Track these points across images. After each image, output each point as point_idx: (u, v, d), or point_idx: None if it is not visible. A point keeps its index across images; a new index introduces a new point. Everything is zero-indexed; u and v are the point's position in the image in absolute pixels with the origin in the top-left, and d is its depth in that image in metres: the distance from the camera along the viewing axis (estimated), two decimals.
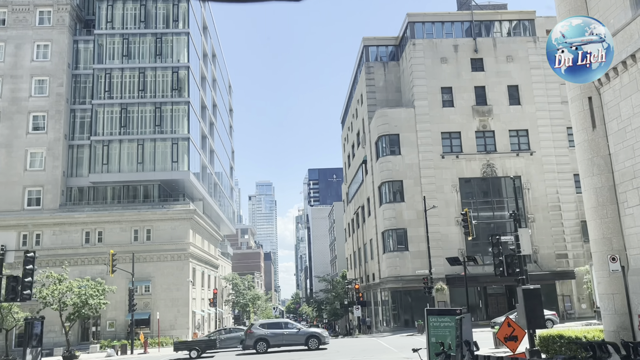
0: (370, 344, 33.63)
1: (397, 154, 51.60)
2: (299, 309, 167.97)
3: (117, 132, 52.78)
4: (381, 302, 54.03)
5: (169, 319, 48.70)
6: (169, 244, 50.06)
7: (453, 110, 52.34)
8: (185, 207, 51.39)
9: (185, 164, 52.36)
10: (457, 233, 49.97)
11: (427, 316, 16.02)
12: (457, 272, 48.38)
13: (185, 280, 49.52)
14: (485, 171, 51.20)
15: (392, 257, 49.91)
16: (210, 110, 68.29)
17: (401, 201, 50.74)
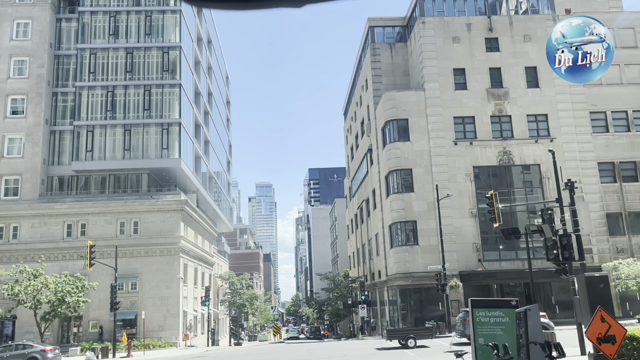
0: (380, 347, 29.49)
1: (406, 141, 47.58)
2: (299, 311, 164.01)
3: (103, 117, 48.77)
4: (388, 301, 49.94)
5: (158, 319, 44.63)
6: (158, 237, 46.00)
7: (466, 93, 48.38)
8: (175, 197, 47.31)
9: (176, 151, 48.32)
10: (471, 226, 45.94)
11: (472, 309, 11.94)
12: (471, 268, 44.36)
13: (176, 277, 45.47)
14: (501, 159, 47.19)
15: (400, 252, 45.86)
16: (205, 98, 64.28)
17: (410, 191, 46.69)
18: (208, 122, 65.68)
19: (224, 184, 79.79)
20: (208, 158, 64.70)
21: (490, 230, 46.38)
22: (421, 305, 45.36)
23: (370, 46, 54.80)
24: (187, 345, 44.82)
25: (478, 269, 43.81)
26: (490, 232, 46.32)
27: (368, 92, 56.13)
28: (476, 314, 11.81)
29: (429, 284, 44.51)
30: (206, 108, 64.52)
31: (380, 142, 51.08)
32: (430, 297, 45.21)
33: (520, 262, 45.32)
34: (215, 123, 71.11)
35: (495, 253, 45.96)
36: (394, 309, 48.31)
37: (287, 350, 31.62)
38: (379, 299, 54.40)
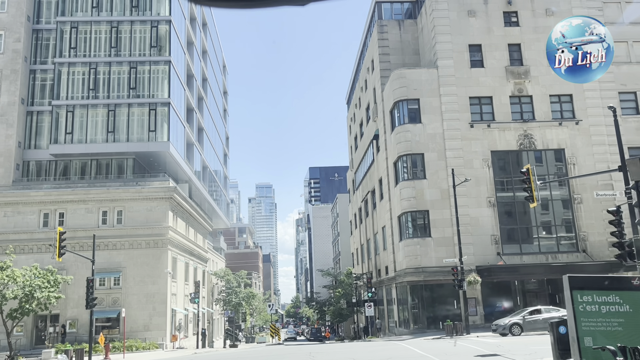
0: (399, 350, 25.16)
1: (417, 123, 43.32)
2: (299, 312, 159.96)
3: (85, 96, 44.48)
4: (396, 299, 45.61)
5: (143, 318, 40.32)
6: (143, 228, 41.70)
7: (483, 71, 44.17)
8: (163, 184, 42.98)
9: (164, 134, 44.02)
10: (489, 216, 41.66)
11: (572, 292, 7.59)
12: (489, 262, 40.06)
13: (163, 272, 41.16)
14: (522, 143, 42.94)
15: (411, 244, 41.55)
16: (199, 83, 60.01)
17: (422, 178, 42.41)
18: (202, 108, 61.42)
19: (220, 177, 75.51)
20: (202, 147, 60.40)
21: (511, 220, 42.16)
22: (434, 304, 41.04)
23: (377, 23, 50.55)
24: (175, 347, 40.52)
25: (498, 262, 39.49)
26: (510, 223, 42.07)
27: (374, 73, 51.86)
28: (578, 300, 7.51)
29: (442, 280, 40.27)
30: (200, 93, 60.25)
31: (388, 125, 46.80)
32: (444, 294, 40.93)
33: (544, 256, 41.04)
34: (210, 111, 66.85)
35: (515, 246, 41.66)
36: (403, 308, 43.98)
37: (285, 355, 27.30)
38: (385, 298, 50.06)
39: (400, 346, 26.52)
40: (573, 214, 41.91)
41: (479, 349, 21.44)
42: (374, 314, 44.91)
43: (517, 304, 40.42)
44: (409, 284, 41.50)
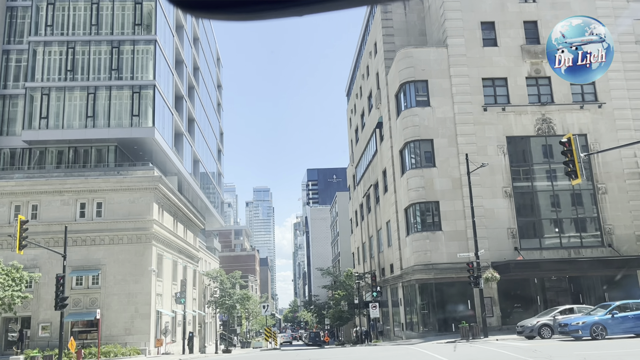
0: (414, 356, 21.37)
1: (425, 106, 39.66)
2: (297, 316, 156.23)
3: (62, 78, 40.71)
4: (402, 300, 41.82)
5: (124, 320, 36.44)
6: (125, 221, 37.87)
7: (497, 50, 40.59)
8: (148, 173, 39.15)
9: (149, 119, 40.22)
10: (505, 207, 37.96)
11: None
12: (505, 258, 36.28)
13: (147, 270, 37.30)
14: (540, 128, 39.32)
15: (420, 239, 37.81)
16: (190, 70, 56.31)
17: (431, 166, 38.72)
18: (193, 98, 57.66)
19: (214, 173, 71.74)
20: (193, 139, 56.62)
21: (529, 212, 38.45)
22: (445, 304, 37.23)
23: None
24: (160, 353, 36.65)
25: (517, 258, 35.73)
26: (529, 216, 38.36)
27: (378, 56, 48.22)
28: None
29: (454, 278, 36.54)
30: (191, 82, 56.51)
31: (393, 111, 43.13)
32: (457, 293, 37.18)
33: (565, 251, 37.32)
34: (203, 102, 63.10)
35: (534, 240, 37.94)
36: (410, 309, 40.16)
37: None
38: (390, 299, 46.23)
39: (414, 351, 22.71)
40: (597, 205, 38.24)
41: (514, 355, 17.67)
42: (379, 315, 41.00)
43: (537, 303, 36.67)
44: (418, 282, 37.73)
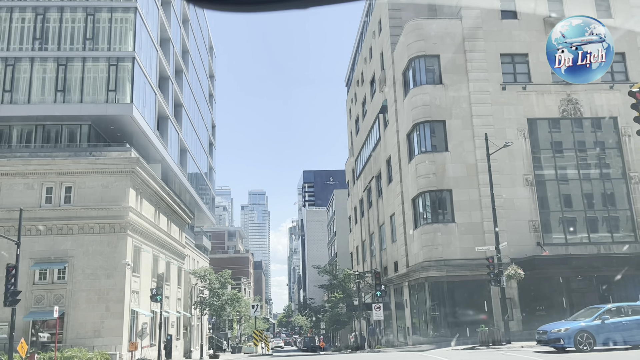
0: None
1: (437, 83, 35.48)
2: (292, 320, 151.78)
3: (30, 48, 36.33)
4: (408, 301, 37.45)
5: (93, 320, 31.93)
6: (97, 208, 33.41)
7: (516, 23, 36.51)
8: (123, 155, 34.73)
9: (126, 95, 35.84)
10: (526, 197, 33.72)
11: None
12: (526, 253, 31.96)
13: (121, 263, 32.83)
14: (565, 109, 35.17)
15: (430, 231, 33.49)
16: (178, 52, 52.01)
17: (444, 150, 34.49)
18: (182, 82, 53.34)
19: (204, 166, 67.35)
20: (180, 126, 52.25)
21: (553, 203, 34.19)
22: (459, 305, 32.83)
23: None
24: (134, 358, 32.10)
25: (543, 253, 31.43)
26: (552, 207, 34.10)
27: (383, 34, 44.01)
28: None
29: (470, 276, 32.26)
30: (179, 64, 52.19)
31: (400, 91, 38.90)
32: (472, 293, 32.84)
33: (594, 247, 33.05)
34: (192, 89, 58.80)
35: (559, 235, 33.66)
36: (418, 311, 35.76)
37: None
38: (393, 300, 41.84)
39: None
40: (630, 196, 34.02)
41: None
42: (382, 318, 36.57)
43: (562, 305, 32.32)
44: (427, 280, 33.37)
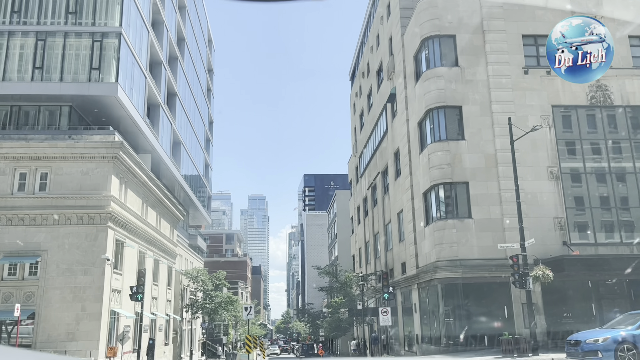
0: None
1: (452, 66, 32.26)
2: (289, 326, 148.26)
3: (6, 21, 33.17)
4: (418, 305, 34.06)
5: (67, 322, 28.59)
6: (75, 196, 30.15)
7: (540, 2, 33.27)
8: (106, 139, 31.46)
9: (111, 74, 32.62)
10: (551, 192, 30.41)
11: None
12: (551, 253, 28.61)
13: (100, 258, 29.51)
14: (593, 96, 31.92)
15: (444, 228, 30.16)
16: (173, 37, 48.90)
17: (460, 138, 31.23)
18: (176, 70, 50.17)
19: (198, 160, 64.13)
20: (174, 116, 49.04)
21: (580, 199, 30.88)
22: (476, 311, 29.46)
23: None
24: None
25: (573, 252, 28.10)
26: (580, 203, 30.79)
27: (392, 18, 40.88)
28: None
29: (488, 278, 28.92)
30: (173, 50, 49.02)
31: (411, 76, 35.69)
32: (490, 297, 29.50)
33: (627, 248, 29.72)
34: (188, 79, 55.65)
35: (587, 235, 30.31)
36: (429, 317, 32.34)
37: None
38: (400, 304, 38.46)
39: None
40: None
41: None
42: (390, 323, 33.17)
43: (591, 312, 28.96)
44: (441, 282, 29.99)
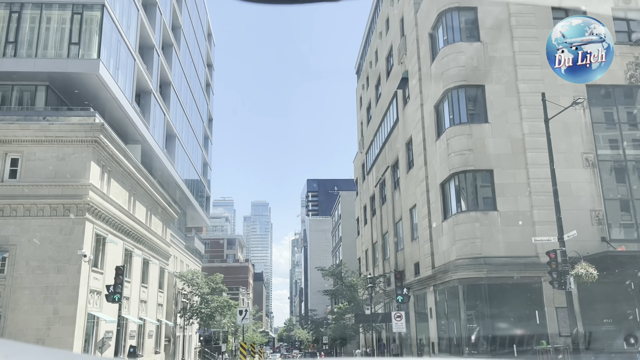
0: None
1: (474, 41, 28.82)
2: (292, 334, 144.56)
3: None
4: (434, 310, 30.47)
5: (36, 326, 25.10)
6: (49, 185, 26.73)
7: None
8: (85, 120, 28.06)
9: (93, 50, 29.29)
10: (587, 181, 26.89)
11: None
12: (588, 250, 24.99)
13: (76, 254, 26.04)
14: (632, 75, 28.48)
15: (466, 221, 26.61)
16: (167, 21, 45.68)
17: (482, 121, 27.76)
18: (170, 58, 46.90)
19: (197, 160, 60.78)
20: (168, 106, 45.72)
21: (620, 189, 27.34)
22: (503, 315, 25.83)
23: None
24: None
25: (618, 248, 24.52)
26: (620, 193, 27.24)
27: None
28: None
29: (516, 278, 25.36)
30: (167, 36, 45.76)
31: (426, 55, 32.30)
32: (519, 300, 25.88)
33: None
34: (185, 70, 52.40)
35: (629, 230, 26.75)
36: (447, 323, 28.74)
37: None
38: (413, 309, 34.83)
39: None
40: None
41: None
42: (404, 329, 29.50)
43: (633, 318, 25.32)
44: (462, 283, 26.40)
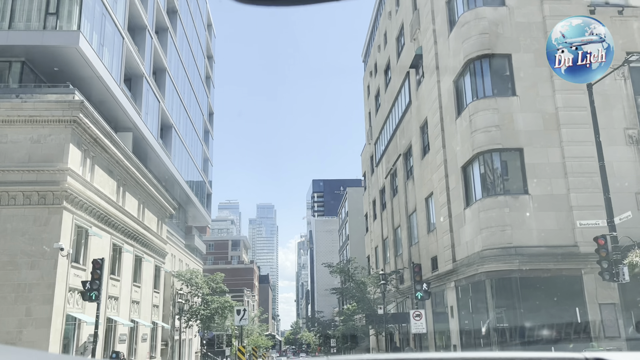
0: None
1: (498, 5, 25.73)
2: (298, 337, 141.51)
3: None
4: (456, 307, 27.27)
5: (7, 329, 22.10)
6: (22, 170, 23.76)
7: None
8: (63, 98, 25.06)
9: (72, 21, 26.32)
10: (631, 160, 23.81)
11: None
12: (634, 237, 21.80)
13: (52, 248, 23.01)
14: None
15: (493, 207, 23.44)
16: (162, 4, 42.76)
17: (510, 94, 24.61)
18: (166, 43, 43.98)
19: (197, 154, 57.83)
20: (163, 94, 42.79)
21: None
22: (538, 311, 22.58)
23: None
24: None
25: None
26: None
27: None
28: None
29: (553, 270, 22.23)
30: (162, 18, 42.83)
31: (442, 27, 29.19)
32: (558, 295, 22.64)
33: None
34: (182, 57, 49.51)
35: None
36: (472, 321, 25.54)
37: None
38: (431, 308, 31.61)
39: None
40: None
41: None
42: (425, 330, 26.28)
43: None
44: (489, 277, 23.21)
